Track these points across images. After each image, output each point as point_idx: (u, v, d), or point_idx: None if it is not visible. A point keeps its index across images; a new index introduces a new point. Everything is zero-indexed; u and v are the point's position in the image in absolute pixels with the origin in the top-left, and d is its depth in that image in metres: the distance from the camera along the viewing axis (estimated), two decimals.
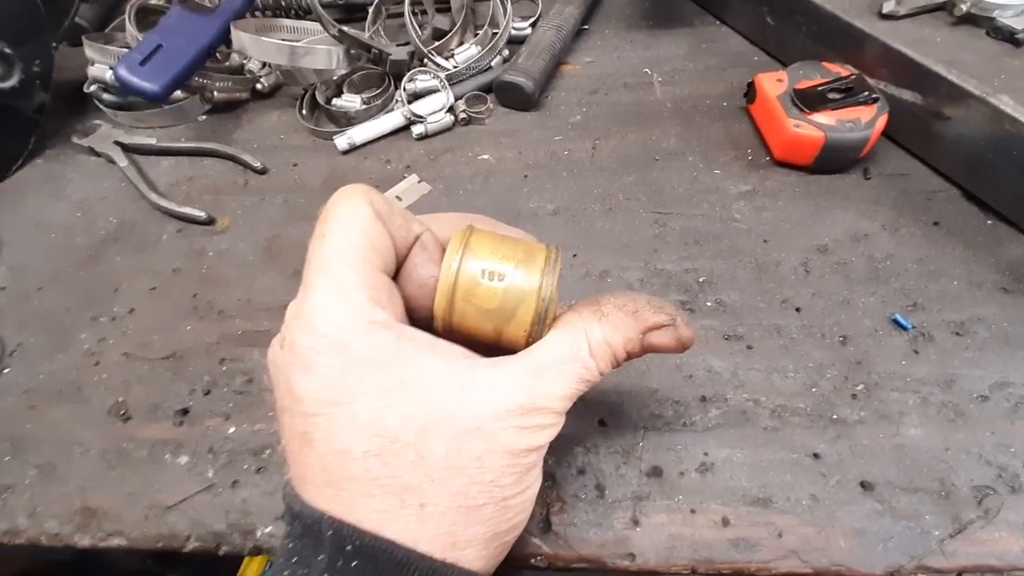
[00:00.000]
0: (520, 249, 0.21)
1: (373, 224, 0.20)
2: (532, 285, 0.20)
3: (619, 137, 0.49)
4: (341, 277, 0.19)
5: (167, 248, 0.45)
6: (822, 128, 0.42)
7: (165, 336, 0.40)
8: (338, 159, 0.50)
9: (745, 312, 0.37)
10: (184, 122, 0.55)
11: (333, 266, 0.19)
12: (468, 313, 0.21)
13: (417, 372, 0.19)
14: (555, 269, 0.21)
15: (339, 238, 0.20)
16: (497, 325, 0.21)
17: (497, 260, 0.21)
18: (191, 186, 0.50)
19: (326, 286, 0.19)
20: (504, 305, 0.21)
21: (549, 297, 0.21)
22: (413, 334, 0.20)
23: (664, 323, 0.22)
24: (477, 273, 0.21)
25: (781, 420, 0.32)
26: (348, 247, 0.20)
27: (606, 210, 0.44)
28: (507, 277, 0.20)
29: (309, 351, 0.19)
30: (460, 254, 0.21)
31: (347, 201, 0.21)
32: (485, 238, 0.22)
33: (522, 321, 0.21)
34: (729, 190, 0.44)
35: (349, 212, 0.20)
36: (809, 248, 0.40)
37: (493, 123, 0.52)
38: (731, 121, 0.49)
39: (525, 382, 0.20)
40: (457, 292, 0.21)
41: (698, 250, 0.40)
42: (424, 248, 0.23)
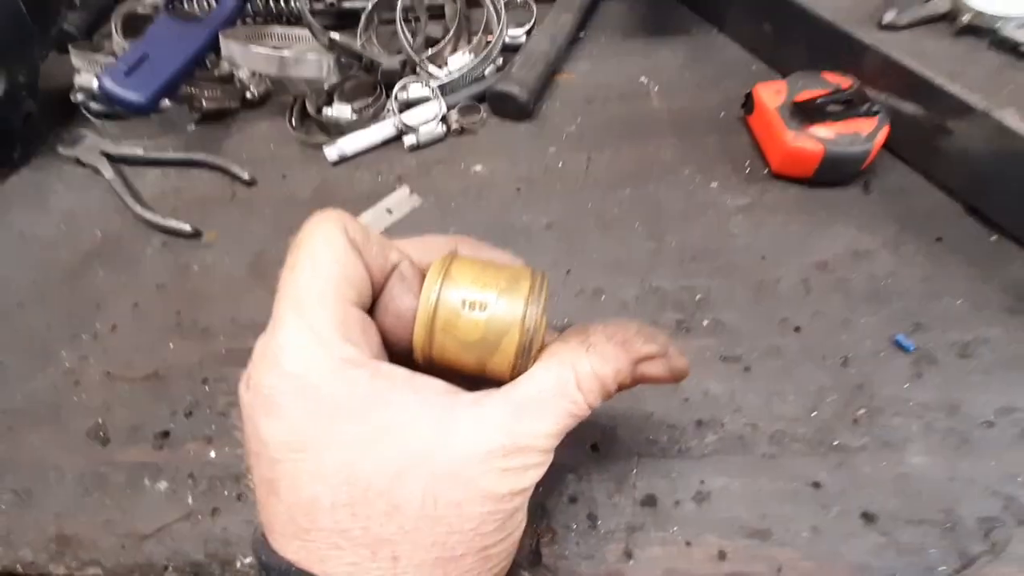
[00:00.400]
0: (503, 276, 0.20)
1: (347, 255, 0.19)
2: (516, 315, 0.20)
3: (614, 149, 0.48)
4: (311, 313, 0.18)
5: (152, 262, 0.44)
6: (821, 141, 0.41)
7: (147, 355, 0.39)
8: (328, 170, 0.49)
9: (743, 332, 0.36)
10: (172, 132, 0.54)
11: (303, 301, 0.18)
12: (449, 346, 0.20)
13: (392, 414, 0.18)
14: (541, 297, 0.20)
15: (310, 270, 0.19)
16: (480, 357, 0.20)
17: (479, 289, 0.20)
18: (178, 198, 0.49)
19: (295, 322, 0.18)
20: (487, 337, 0.20)
21: (534, 327, 0.20)
22: (389, 371, 0.19)
23: (655, 353, 0.21)
24: (457, 303, 0.20)
25: (780, 447, 0.31)
26: (320, 280, 0.19)
27: (601, 225, 0.43)
28: (489, 307, 0.20)
29: (275, 392, 0.18)
30: (439, 283, 0.20)
31: (320, 229, 0.20)
32: (466, 266, 0.21)
33: (506, 353, 0.20)
34: (727, 204, 0.43)
35: (322, 242, 0.19)
36: (809, 265, 0.39)
37: (486, 134, 0.51)
38: (729, 133, 0.48)
39: (508, 420, 0.19)
40: (436, 324, 0.20)
41: (695, 267, 0.39)
42: (402, 278, 0.22)
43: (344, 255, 0.19)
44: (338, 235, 0.19)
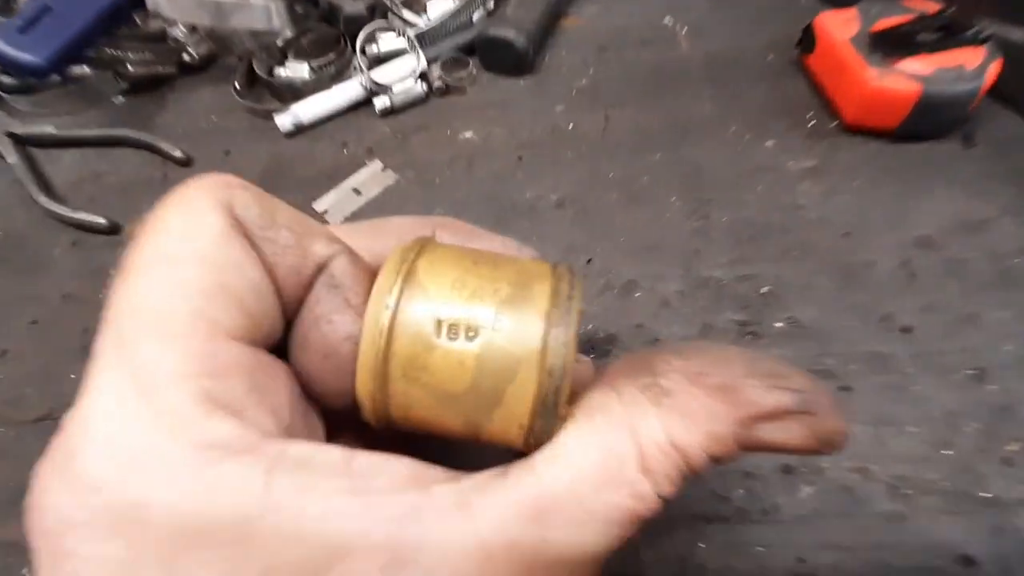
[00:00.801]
0: (506, 276, 0.13)
1: (224, 249, 0.12)
2: (530, 343, 0.12)
3: (637, 105, 0.38)
4: (148, 358, 0.11)
5: (58, 266, 0.35)
6: (917, 79, 0.31)
7: (42, 388, 0.30)
8: (281, 143, 0.40)
9: (832, 336, 0.26)
10: (97, 106, 0.45)
11: (135, 337, 0.11)
12: (416, 400, 0.12)
13: (306, 542, 0.10)
14: (571, 310, 0.12)
15: (154, 280, 0.11)
16: (471, 418, 0.12)
17: (465, 299, 0.12)
18: (97, 185, 0.39)
19: (115, 380, 0.11)
20: (480, 385, 0.12)
21: (562, 365, 0.12)
22: (303, 457, 0.11)
23: (787, 407, 0.12)
24: (429, 327, 0.12)
25: (906, 502, 0.22)
26: (169, 297, 0.11)
27: (627, 199, 0.33)
28: (483, 332, 0.12)
29: (65, 526, 0.10)
30: (397, 291, 0.12)
31: (180, 209, 0.12)
32: (444, 259, 0.13)
33: (515, 411, 0.12)
34: (788, 168, 0.33)
35: (181, 228, 0.12)
36: (908, 242, 0.29)
37: (477, 92, 0.41)
38: (781, 79, 0.38)
39: (520, 539, 0.11)
40: (393, 365, 0.12)
41: (755, 249, 0.30)
42: (333, 285, 0.13)
43: (220, 251, 0.12)
44: (211, 216, 0.12)
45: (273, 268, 0.13)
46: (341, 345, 0.13)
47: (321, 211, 0.35)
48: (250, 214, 0.12)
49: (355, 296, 0.13)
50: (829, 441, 0.12)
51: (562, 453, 0.12)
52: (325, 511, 0.10)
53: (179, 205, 0.12)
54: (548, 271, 0.13)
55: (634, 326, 0.28)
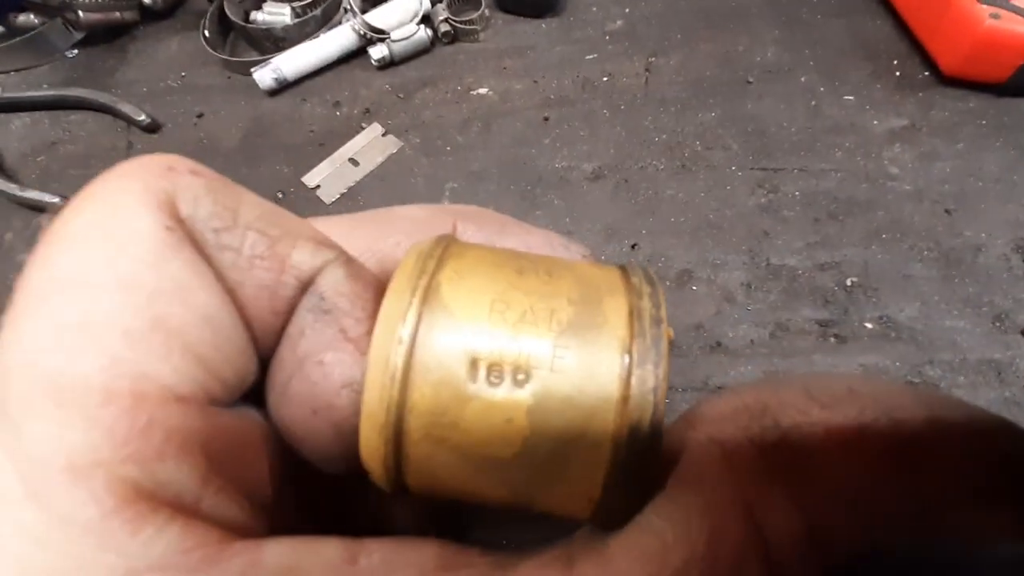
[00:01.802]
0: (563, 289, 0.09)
1: (162, 264, 0.08)
2: (606, 389, 0.09)
3: (686, 50, 0.32)
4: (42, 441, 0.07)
5: (11, 254, 0.31)
6: None
7: None
8: (263, 104, 0.34)
9: (935, 339, 0.22)
10: (47, 61, 0.39)
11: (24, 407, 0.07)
12: (443, 467, 0.09)
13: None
14: (660, 340, 0.09)
15: (53, 318, 0.08)
16: (521, 490, 0.09)
17: (510, 328, 0.09)
18: (51, 156, 0.34)
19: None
20: (535, 448, 0.09)
21: (653, 420, 0.08)
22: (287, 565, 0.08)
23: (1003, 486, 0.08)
24: (460, 367, 0.09)
25: None
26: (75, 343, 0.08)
27: (677, 168, 0.28)
28: (538, 373, 0.09)
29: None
30: (415, 316, 0.09)
31: (97, 206, 0.09)
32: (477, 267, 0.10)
33: (583, 483, 0.09)
34: (874, 128, 0.28)
35: (96, 238, 0.08)
36: (1023, 221, 0.24)
37: (492, 39, 0.35)
38: (861, 15, 0.32)
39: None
40: (411, 423, 0.09)
41: (838, 230, 0.25)
42: (324, 310, 0.09)
43: (154, 269, 0.08)
44: (142, 218, 0.08)
45: (236, 289, 0.09)
46: (337, 396, 0.09)
47: (313, 186, 0.30)
48: (201, 212, 0.09)
49: (355, 324, 0.09)
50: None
51: (652, 542, 0.08)
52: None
53: (96, 203, 0.09)
54: (619, 279, 0.10)
55: (692, 327, 0.24)
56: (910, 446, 0.08)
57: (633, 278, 0.10)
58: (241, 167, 0.31)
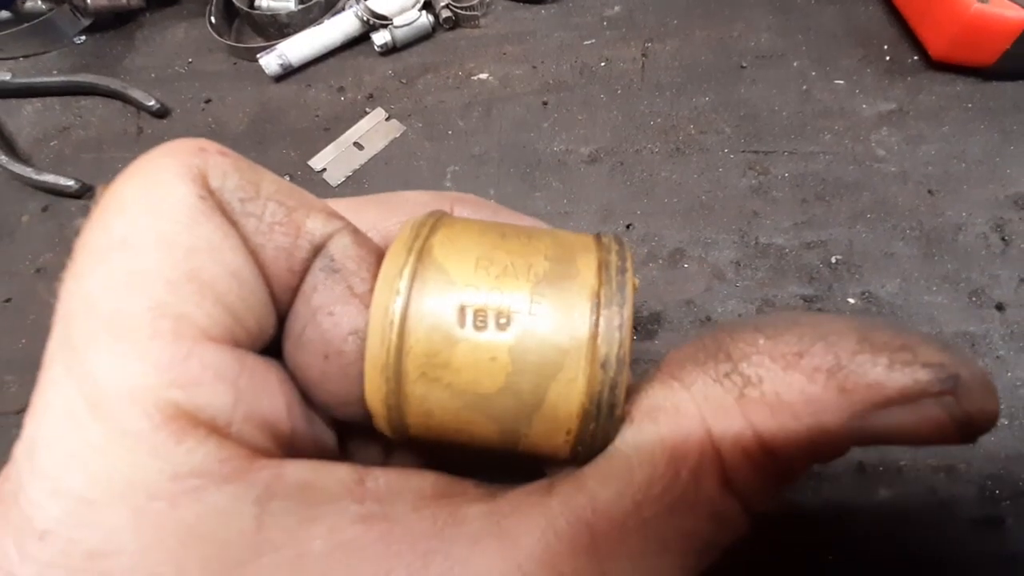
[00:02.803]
0: (541, 250, 0.11)
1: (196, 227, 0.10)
2: (577, 330, 0.10)
3: (682, 35, 0.33)
4: (101, 369, 0.09)
5: (29, 236, 0.32)
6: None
7: (23, 375, 0.27)
8: (269, 89, 0.35)
9: (914, 314, 0.23)
10: (56, 47, 0.40)
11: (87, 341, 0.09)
12: (438, 405, 0.10)
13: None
14: (624, 287, 0.10)
15: (109, 271, 0.09)
16: (506, 425, 0.10)
17: (493, 280, 0.10)
18: (64, 141, 0.35)
19: (64, 398, 0.09)
20: (517, 384, 0.10)
21: (618, 356, 0.10)
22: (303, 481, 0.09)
23: (928, 388, 0.09)
24: (450, 315, 0.10)
25: (999, 507, 0.19)
26: (126, 291, 0.09)
27: (672, 151, 0.29)
28: (518, 318, 0.10)
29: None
30: (410, 273, 0.10)
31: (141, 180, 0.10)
32: (465, 233, 0.11)
33: (560, 414, 0.10)
34: (862, 111, 0.29)
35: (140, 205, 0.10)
36: (1004, 201, 0.25)
37: (492, 24, 0.35)
38: (853, 2, 0.33)
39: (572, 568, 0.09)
40: (408, 364, 0.10)
41: (824, 210, 0.26)
42: (333, 270, 0.11)
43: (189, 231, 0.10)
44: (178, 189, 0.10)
45: (258, 251, 0.10)
46: (344, 342, 0.10)
47: (319, 169, 0.31)
48: (228, 185, 0.10)
49: (360, 282, 0.11)
50: (974, 426, 0.09)
51: (621, 465, 0.10)
52: (334, 548, 0.09)
53: (140, 177, 0.10)
54: (591, 241, 0.11)
55: (683, 302, 0.25)
56: (842, 363, 0.09)
57: (604, 239, 0.11)
58: (249, 151, 0.32)
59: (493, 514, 0.10)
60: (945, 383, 0.09)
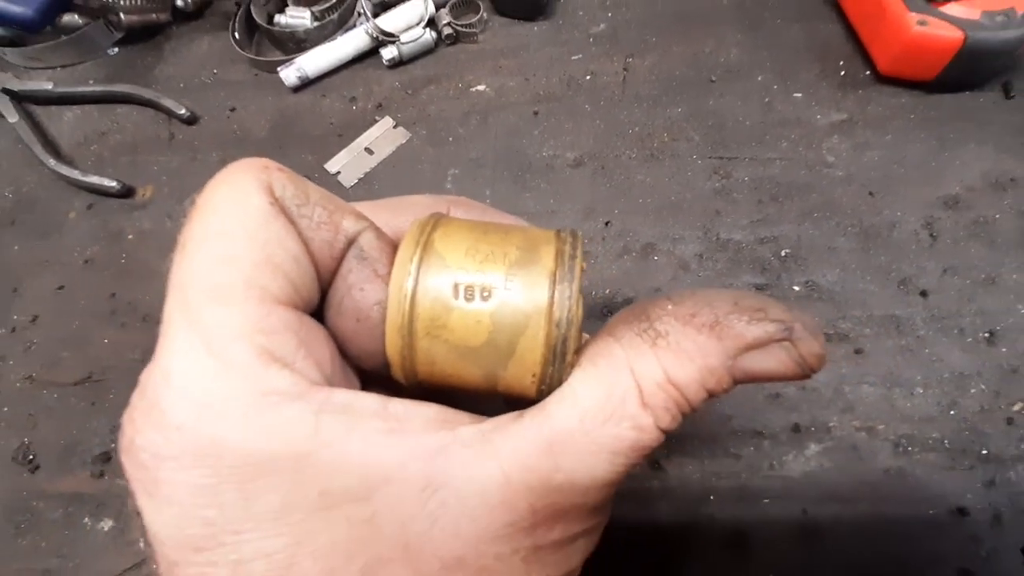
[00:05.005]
0: (514, 242, 0.14)
1: (269, 226, 0.13)
2: (538, 300, 0.13)
3: (660, 51, 0.36)
4: (212, 321, 0.12)
5: (76, 231, 0.35)
6: (960, 25, 0.29)
7: (77, 352, 0.31)
8: (287, 99, 0.38)
9: (849, 299, 0.27)
10: (91, 58, 0.43)
11: (199, 304, 0.12)
12: (440, 356, 0.14)
13: (352, 475, 0.12)
14: (574, 269, 0.14)
15: (210, 253, 0.13)
16: (489, 369, 0.14)
17: (478, 265, 0.14)
18: (103, 144, 0.39)
19: (186, 340, 0.12)
20: (495, 339, 0.14)
21: (567, 317, 0.13)
22: (346, 402, 0.13)
23: (773, 336, 0.13)
24: (447, 290, 0.14)
25: (909, 458, 0.23)
26: (226, 269, 0.13)
27: (647, 156, 0.32)
28: (496, 292, 0.14)
29: (160, 460, 0.12)
30: (417, 260, 0.14)
31: (226, 190, 0.14)
32: (457, 231, 0.15)
33: (527, 360, 0.14)
34: (816, 121, 0.32)
35: (229, 209, 0.13)
36: (933, 202, 0.29)
37: (489, 40, 0.39)
38: (814, 21, 0.36)
39: (535, 468, 0.13)
40: (417, 325, 0.14)
41: (777, 210, 0.30)
42: (363, 257, 0.15)
43: (265, 227, 0.13)
44: (255, 197, 0.13)
45: (309, 243, 0.14)
46: (371, 310, 0.14)
47: (334, 172, 0.35)
48: (287, 193, 0.14)
49: (382, 267, 0.14)
50: (808, 364, 0.13)
51: (570, 395, 0.13)
52: (366, 447, 0.12)
53: (226, 187, 0.14)
54: (553, 236, 0.14)
55: (652, 290, 0.28)
56: (719, 320, 0.13)
57: (562, 234, 0.15)
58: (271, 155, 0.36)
59: (481, 431, 0.13)
60: (785, 333, 0.13)
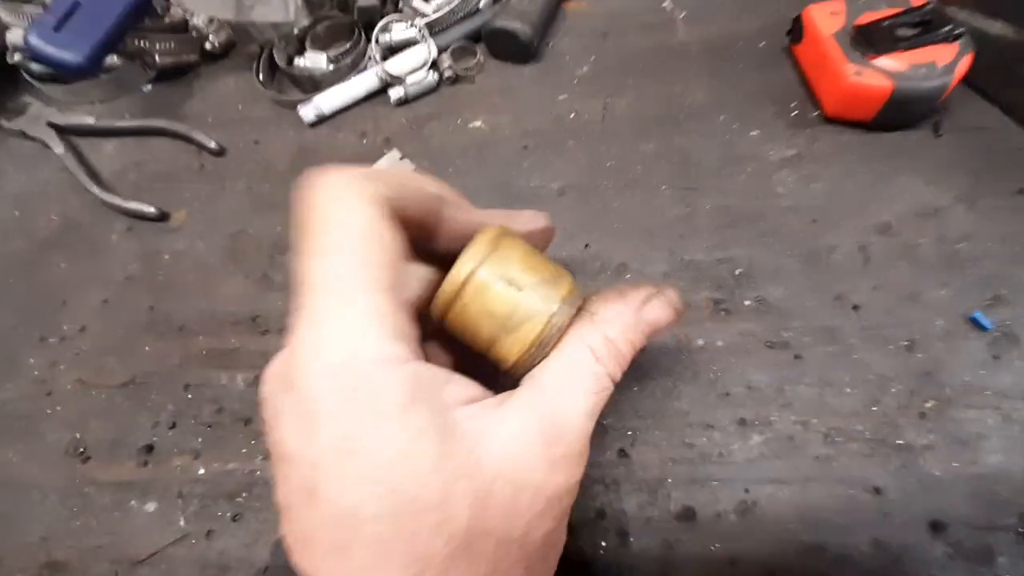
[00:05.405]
0: (549, 269, 0.20)
1: (384, 229, 0.17)
2: (548, 307, 0.19)
3: (636, 92, 0.41)
4: (352, 303, 0.16)
5: (117, 251, 0.40)
6: (890, 76, 0.34)
7: (122, 358, 0.35)
8: (305, 133, 0.43)
9: (792, 312, 0.31)
10: (127, 94, 0.48)
11: (338, 289, 0.16)
12: (471, 309, 0.19)
13: (432, 418, 0.16)
14: (575, 303, 0.20)
15: (340, 256, 0.17)
16: (495, 334, 0.19)
17: (521, 270, 0.19)
18: (140, 173, 0.43)
19: (339, 314, 0.16)
20: (512, 315, 0.19)
21: (559, 326, 0.19)
22: (428, 372, 0.17)
23: (653, 293, 0.21)
24: (498, 274, 0.19)
25: (835, 447, 0.27)
26: (355, 266, 0.16)
27: (622, 187, 0.37)
28: (525, 289, 0.19)
29: (318, 393, 0.16)
30: (488, 250, 0.19)
31: (340, 205, 0.17)
32: (518, 245, 0.20)
33: (523, 339, 0.19)
34: (770, 156, 0.37)
35: (346, 218, 0.17)
36: (868, 228, 0.33)
37: (485, 81, 0.44)
38: (771, 68, 0.41)
39: (542, 408, 0.18)
40: (472, 282, 0.19)
41: (734, 234, 0.34)
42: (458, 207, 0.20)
43: (380, 231, 0.17)
44: (364, 208, 0.17)
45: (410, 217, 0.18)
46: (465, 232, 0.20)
47: None
48: (391, 192, 0.17)
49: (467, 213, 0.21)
50: (679, 310, 0.21)
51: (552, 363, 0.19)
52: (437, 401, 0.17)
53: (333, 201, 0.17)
54: (571, 280, 0.20)
55: None
56: (625, 294, 0.20)
57: (576, 284, 0.21)
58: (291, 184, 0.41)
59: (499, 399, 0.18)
60: (658, 289, 0.20)
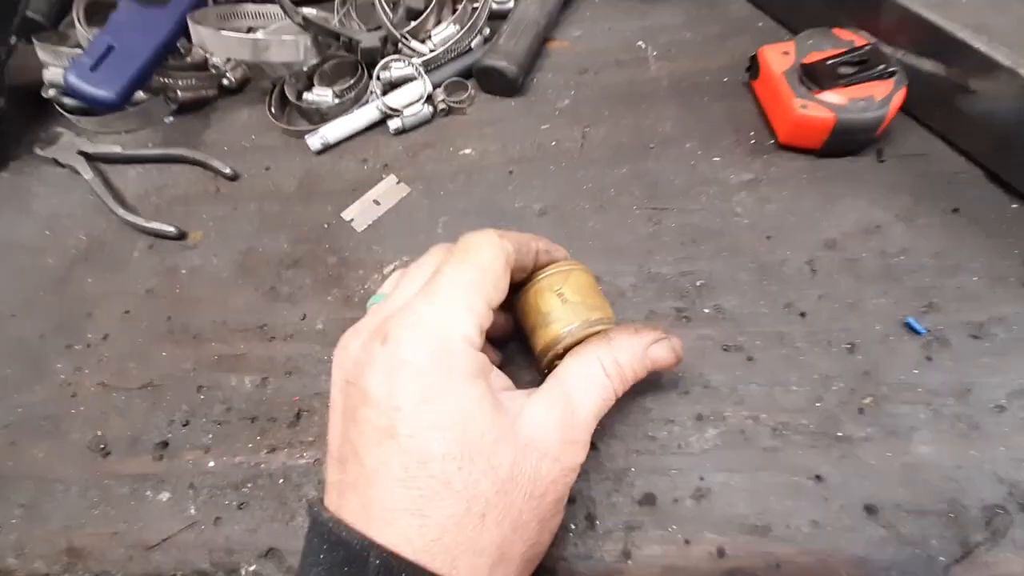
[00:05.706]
0: (593, 299, 0.28)
1: (505, 270, 0.25)
2: (572, 320, 0.27)
3: (611, 123, 0.45)
4: (468, 299, 0.23)
5: (139, 266, 0.43)
6: (832, 109, 0.38)
7: (141, 363, 0.38)
8: (312, 160, 0.47)
9: (746, 319, 0.34)
10: (150, 126, 0.52)
11: (466, 288, 0.23)
12: (529, 301, 0.28)
13: (488, 392, 0.22)
14: (596, 326, 0.27)
15: (478, 271, 0.24)
16: (536, 324, 0.28)
17: (573, 291, 0.27)
18: (160, 197, 0.47)
19: (456, 301, 0.23)
20: (555, 317, 0.27)
21: (570, 336, 0.26)
22: (487, 360, 0.23)
23: (661, 335, 0.27)
24: (555, 287, 0.28)
25: (782, 439, 0.30)
26: (482, 280, 0.23)
27: (597, 207, 0.41)
28: (567, 304, 0.27)
29: (420, 349, 0.21)
30: (556, 271, 0.28)
31: (492, 248, 0.25)
32: (582, 277, 0.29)
33: (547, 335, 0.27)
34: (730, 180, 0.41)
35: (492, 254, 0.24)
36: (816, 244, 0.37)
37: (475, 112, 0.48)
38: (733, 100, 0.45)
39: (561, 401, 0.24)
40: (537, 284, 0.28)
41: (696, 250, 0.38)
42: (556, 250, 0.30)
43: (503, 269, 0.25)
44: (501, 255, 0.25)
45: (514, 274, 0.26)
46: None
47: (348, 219, 0.43)
48: (511, 251, 0.25)
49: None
50: (679, 355, 0.27)
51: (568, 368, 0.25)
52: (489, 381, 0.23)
53: (489, 245, 0.25)
54: (608, 319, 0.27)
55: None
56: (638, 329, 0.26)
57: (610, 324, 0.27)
58: (298, 206, 0.45)
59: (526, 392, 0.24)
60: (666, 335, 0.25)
